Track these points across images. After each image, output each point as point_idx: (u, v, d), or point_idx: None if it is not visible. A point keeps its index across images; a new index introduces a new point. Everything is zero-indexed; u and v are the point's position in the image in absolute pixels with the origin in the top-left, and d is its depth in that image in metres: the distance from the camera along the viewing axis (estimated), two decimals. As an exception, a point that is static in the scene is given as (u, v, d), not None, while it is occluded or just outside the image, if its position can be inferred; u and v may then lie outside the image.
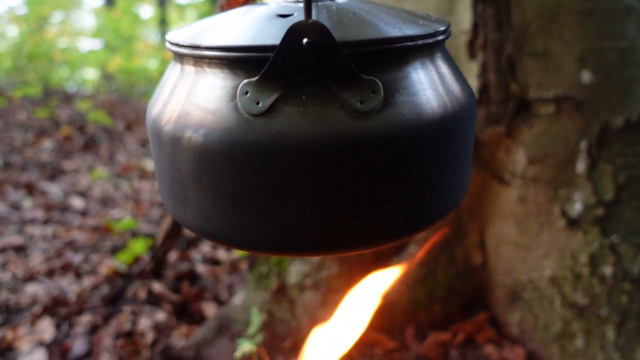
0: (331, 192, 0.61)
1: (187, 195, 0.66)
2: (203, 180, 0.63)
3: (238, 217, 0.63)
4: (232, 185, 0.62)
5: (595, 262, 1.71)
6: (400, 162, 0.62)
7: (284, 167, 0.59)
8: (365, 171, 0.61)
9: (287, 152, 0.59)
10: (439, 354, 1.90)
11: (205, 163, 0.62)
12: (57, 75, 7.49)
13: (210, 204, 0.64)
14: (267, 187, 0.61)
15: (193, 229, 0.69)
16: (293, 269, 1.90)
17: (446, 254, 1.91)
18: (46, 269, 2.70)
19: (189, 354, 1.92)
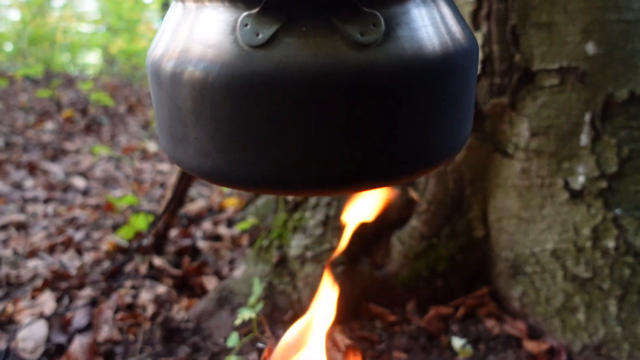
0: (331, 124, 0.59)
1: (186, 133, 0.65)
2: (202, 115, 0.62)
3: (237, 153, 0.62)
4: (231, 119, 0.61)
5: (598, 235, 1.70)
6: (401, 97, 0.61)
7: (283, 99, 0.58)
8: (366, 104, 0.59)
9: (287, 82, 0.58)
10: (439, 327, 1.89)
11: (204, 97, 0.61)
12: (59, 60, 7.47)
13: (209, 140, 0.63)
14: (266, 119, 0.59)
15: (192, 169, 0.68)
16: (294, 241, 1.90)
17: (448, 227, 1.90)
18: (47, 245, 2.70)
19: (189, 326, 1.92)
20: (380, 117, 0.60)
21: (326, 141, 0.59)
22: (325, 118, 0.59)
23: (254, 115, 0.59)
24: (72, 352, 1.87)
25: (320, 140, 0.59)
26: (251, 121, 0.60)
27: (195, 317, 1.94)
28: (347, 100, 0.58)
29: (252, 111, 0.59)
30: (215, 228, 2.81)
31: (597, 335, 1.69)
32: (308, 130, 0.59)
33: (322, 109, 0.58)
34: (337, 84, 0.58)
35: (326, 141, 0.59)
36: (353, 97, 0.58)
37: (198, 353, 1.83)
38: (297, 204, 1.94)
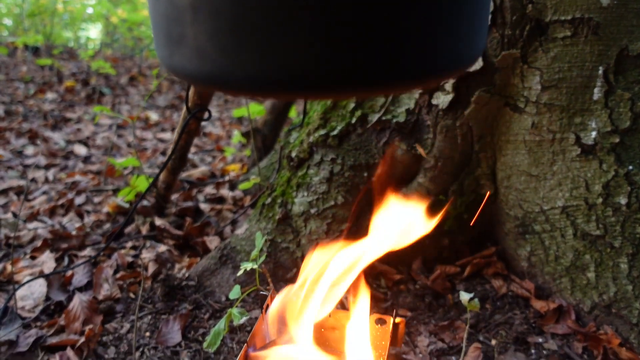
0: (340, 16, 0.54)
1: (184, 33, 0.60)
2: (200, 10, 0.57)
3: (237, 50, 0.57)
4: (231, 12, 0.56)
5: (610, 191, 1.65)
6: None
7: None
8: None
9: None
10: (445, 287, 1.86)
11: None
12: (60, 35, 7.39)
13: (207, 38, 0.58)
14: (269, 10, 0.54)
15: (190, 75, 0.64)
16: (297, 199, 1.86)
17: (456, 184, 1.85)
18: (47, 209, 2.66)
19: (190, 284, 1.88)
20: (395, 10, 0.55)
21: (341, 31, 0.54)
22: (333, 9, 0.54)
23: (256, 5, 0.54)
24: (71, 309, 1.84)
25: (334, 32, 0.54)
26: (253, 12, 0.55)
27: (196, 275, 1.90)
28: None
29: (254, 1, 0.54)
30: (217, 191, 2.77)
31: (608, 294, 1.65)
32: (319, 21, 0.54)
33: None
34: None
35: (341, 31, 0.54)
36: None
37: (200, 310, 1.80)
38: (301, 161, 1.90)
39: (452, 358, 1.62)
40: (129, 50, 7.23)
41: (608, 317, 1.67)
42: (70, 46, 7.38)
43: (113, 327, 1.80)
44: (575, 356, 1.60)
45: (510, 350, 1.65)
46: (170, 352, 1.67)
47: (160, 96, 5.28)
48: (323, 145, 1.86)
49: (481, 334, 1.71)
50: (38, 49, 6.20)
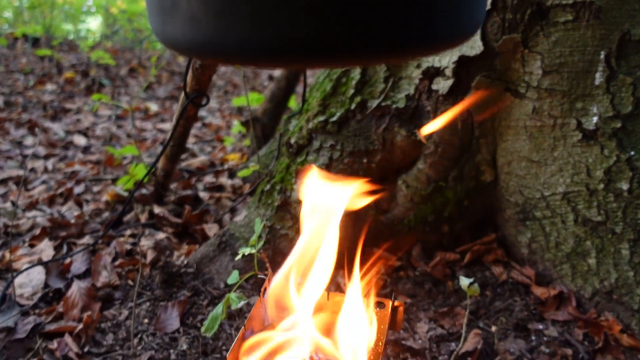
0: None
1: (177, 1, 0.59)
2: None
3: (231, 17, 0.56)
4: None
5: (611, 177, 1.64)
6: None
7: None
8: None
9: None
10: (445, 273, 1.85)
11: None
12: (60, 28, 7.37)
13: (200, 5, 0.57)
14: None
15: (183, 45, 0.62)
16: (296, 185, 1.84)
17: (456, 170, 1.84)
18: (46, 198, 2.66)
19: (189, 271, 1.87)
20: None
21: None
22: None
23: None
24: (69, 296, 1.84)
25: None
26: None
27: (195, 262, 1.90)
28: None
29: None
30: (216, 179, 2.76)
31: (609, 280, 1.64)
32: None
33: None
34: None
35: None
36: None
37: (198, 297, 1.80)
38: (300, 148, 1.88)
39: (452, 344, 1.61)
40: (129, 42, 7.21)
41: (609, 303, 1.66)
42: (70, 39, 7.36)
43: (111, 314, 1.79)
44: (576, 343, 1.59)
45: (511, 336, 1.64)
46: (169, 339, 1.66)
47: (160, 87, 5.27)
48: (322, 132, 1.85)
49: (481, 320, 1.70)
50: (38, 40, 6.18)
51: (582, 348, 1.57)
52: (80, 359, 1.63)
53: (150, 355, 1.60)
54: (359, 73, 1.85)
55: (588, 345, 1.59)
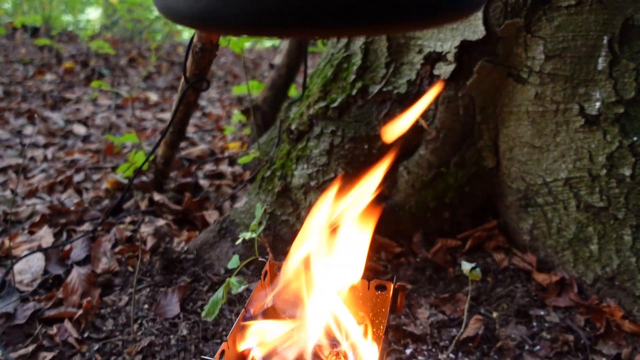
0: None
1: (176, -32, 0.58)
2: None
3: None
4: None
5: (614, 162, 1.63)
6: None
7: None
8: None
9: None
10: (446, 260, 1.84)
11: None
12: (59, 19, 7.33)
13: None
14: None
15: (184, 16, 0.61)
16: (297, 171, 1.84)
17: (457, 156, 1.83)
18: (46, 186, 2.64)
19: (189, 257, 1.87)
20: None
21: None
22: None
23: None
24: (69, 282, 1.83)
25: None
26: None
27: (195, 248, 1.89)
28: None
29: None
30: (216, 167, 2.75)
31: (611, 266, 1.64)
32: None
33: None
34: None
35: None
36: None
37: (198, 283, 1.79)
38: (301, 134, 1.87)
39: (453, 330, 1.60)
40: (129, 33, 7.18)
41: (611, 289, 1.65)
42: (69, 30, 7.33)
43: (111, 299, 1.78)
44: (577, 329, 1.59)
45: (512, 322, 1.64)
46: (169, 324, 1.66)
47: (160, 77, 5.25)
48: (323, 118, 1.84)
49: (482, 306, 1.70)
50: (37, 30, 6.15)
51: (583, 334, 1.56)
52: (80, 344, 1.62)
53: (150, 340, 1.60)
54: (360, 58, 1.84)
55: (590, 332, 1.58)
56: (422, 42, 1.76)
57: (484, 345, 1.56)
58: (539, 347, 1.55)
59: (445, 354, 1.51)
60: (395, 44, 1.80)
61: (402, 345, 1.55)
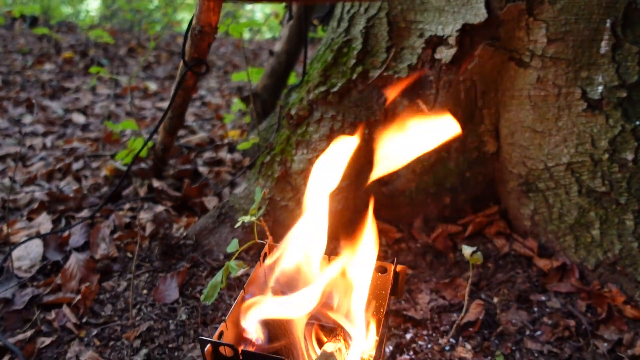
0: None
1: None
2: None
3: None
4: None
5: (616, 147, 1.61)
6: None
7: None
8: None
9: None
10: (446, 245, 1.83)
11: None
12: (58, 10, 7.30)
13: None
14: None
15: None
16: (297, 156, 1.82)
17: (458, 141, 1.81)
18: (45, 173, 2.63)
19: (188, 243, 1.86)
20: None
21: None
22: None
23: None
24: (67, 268, 1.82)
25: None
26: None
27: (194, 234, 1.88)
28: None
29: None
30: (216, 154, 2.73)
31: (613, 252, 1.63)
32: None
33: None
34: None
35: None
36: None
37: (197, 268, 1.78)
38: (300, 119, 1.86)
39: (454, 315, 1.59)
40: (128, 23, 7.15)
41: (612, 275, 1.64)
42: (68, 20, 7.30)
43: (110, 285, 1.77)
44: (578, 314, 1.58)
45: (513, 308, 1.63)
46: (168, 309, 1.65)
47: (159, 67, 5.22)
48: (323, 103, 1.82)
49: (483, 292, 1.69)
50: (36, 20, 6.12)
51: (585, 319, 1.55)
52: (79, 329, 1.61)
53: (149, 325, 1.59)
54: (360, 43, 1.82)
55: (591, 317, 1.57)
56: (423, 26, 1.75)
57: (484, 330, 1.55)
58: (540, 332, 1.55)
59: (445, 339, 1.51)
60: (396, 28, 1.78)
61: (402, 330, 1.54)
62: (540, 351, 1.49)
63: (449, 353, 1.46)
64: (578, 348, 1.49)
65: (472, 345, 1.50)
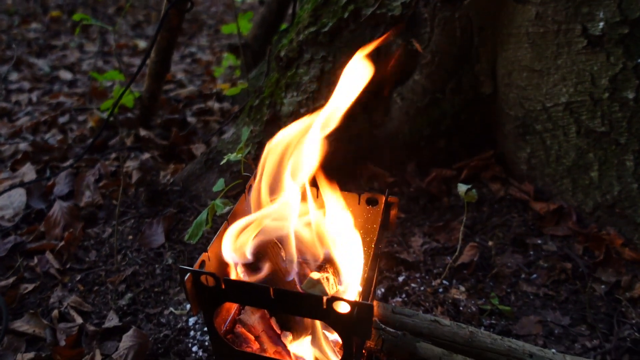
0: None
1: None
2: None
3: None
4: None
5: (617, 85, 1.55)
6: None
7: None
8: None
9: None
10: (441, 190, 1.78)
11: None
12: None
13: None
14: None
15: None
16: (287, 99, 1.76)
17: (453, 81, 1.75)
18: (30, 126, 2.56)
19: (175, 189, 1.80)
20: None
21: None
22: None
23: None
24: (51, 215, 1.77)
25: None
26: None
27: (181, 180, 1.82)
28: None
29: None
30: (205, 105, 2.66)
31: (612, 193, 1.58)
32: None
33: None
34: None
35: None
36: None
37: (184, 214, 1.73)
38: (290, 61, 1.79)
39: (448, 258, 1.55)
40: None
41: (611, 217, 1.60)
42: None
43: (95, 232, 1.73)
44: (575, 257, 1.54)
45: (508, 251, 1.59)
46: (154, 254, 1.60)
47: (150, 26, 5.10)
48: (313, 44, 1.75)
49: (477, 235, 1.64)
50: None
51: (582, 262, 1.52)
52: (62, 275, 1.57)
53: (134, 270, 1.55)
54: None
55: (588, 260, 1.53)
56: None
57: (479, 272, 1.51)
58: (535, 276, 1.51)
59: (438, 280, 1.47)
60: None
61: (394, 273, 1.50)
62: (536, 294, 1.45)
63: (442, 295, 1.42)
64: (574, 291, 1.45)
65: (466, 287, 1.46)
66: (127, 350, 1.26)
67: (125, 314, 1.42)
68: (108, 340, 1.34)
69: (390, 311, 1.14)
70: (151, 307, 1.43)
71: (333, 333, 1.08)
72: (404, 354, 1.09)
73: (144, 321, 1.40)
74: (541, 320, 1.36)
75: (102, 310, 1.44)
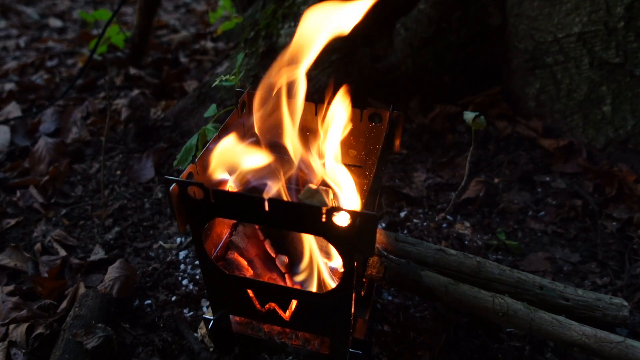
0: None
1: None
2: None
3: None
4: None
5: (633, 14, 1.46)
6: None
7: None
8: None
9: None
10: (444, 126, 1.70)
11: None
12: None
13: None
14: None
15: None
16: (283, 30, 1.66)
17: (460, 11, 1.65)
18: (17, 68, 2.46)
19: (166, 124, 1.72)
20: None
21: None
22: None
23: None
24: (36, 151, 1.68)
25: None
26: None
27: (173, 115, 1.74)
28: None
29: None
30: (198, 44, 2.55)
31: (625, 128, 1.50)
32: None
33: None
34: None
35: None
36: None
37: (175, 149, 1.64)
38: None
39: (452, 194, 1.48)
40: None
41: (623, 153, 1.52)
42: None
43: (82, 168, 1.64)
44: (585, 194, 1.46)
45: (515, 188, 1.51)
46: (143, 188, 1.53)
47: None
48: (312, -29, 1.65)
49: (483, 172, 1.57)
50: None
51: (592, 199, 1.44)
52: (46, 209, 1.49)
53: (122, 204, 1.47)
54: None
55: (599, 197, 1.46)
56: None
57: (484, 208, 1.44)
58: (543, 213, 1.44)
59: (442, 215, 1.39)
60: None
61: (396, 208, 1.43)
62: (544, 231, 1.38)
63: (447, 230, 1.35)
64: (584, 228, 1.38)
65: (471, 222, 1.39)
66: (112, 281, 1.19)
67: (112, 248, 1.35)
68: (93, 273, 1.27)
69: (394, 239, 1.07)
70: (139, 241, 1.36)
71: (331, 260, 1.01)
72: (408, 282, 1.02)
73: (131, 255, 1.33)
74: (549, 257, 1.30)
75: (88, 245, 1.36)
